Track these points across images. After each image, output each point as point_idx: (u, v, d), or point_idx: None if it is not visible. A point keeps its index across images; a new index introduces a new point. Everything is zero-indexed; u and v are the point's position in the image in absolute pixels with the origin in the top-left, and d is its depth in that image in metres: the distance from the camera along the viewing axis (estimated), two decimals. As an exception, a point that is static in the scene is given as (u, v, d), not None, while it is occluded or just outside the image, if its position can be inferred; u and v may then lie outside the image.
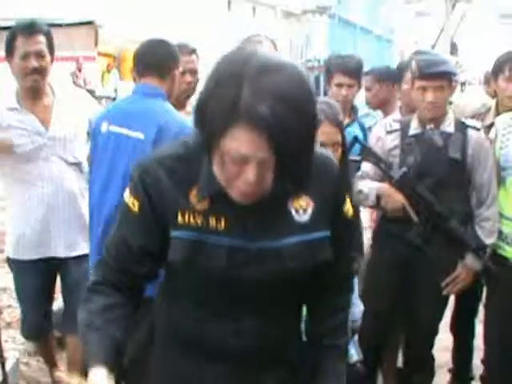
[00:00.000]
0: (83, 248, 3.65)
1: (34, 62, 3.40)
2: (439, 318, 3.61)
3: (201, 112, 1.55)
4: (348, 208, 1.87)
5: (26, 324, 3.88)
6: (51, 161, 3.53)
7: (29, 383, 4.12)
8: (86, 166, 3.65)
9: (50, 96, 3.59)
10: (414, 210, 3.26)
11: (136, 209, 1.75)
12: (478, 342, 4.16)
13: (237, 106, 1.45)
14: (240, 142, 1.47)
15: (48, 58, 3.48)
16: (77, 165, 3.64)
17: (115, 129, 3.27)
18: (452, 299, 4.11)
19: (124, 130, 3.25)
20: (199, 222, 1.71)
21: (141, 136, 3.17)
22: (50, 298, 3.90)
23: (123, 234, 1.80)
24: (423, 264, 3.39)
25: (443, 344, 4.33)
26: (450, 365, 4.37)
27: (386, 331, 3.72)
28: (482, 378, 4.16)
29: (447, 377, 4.37)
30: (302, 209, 1.76)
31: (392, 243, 3.45)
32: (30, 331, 3.92)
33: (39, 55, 3.43)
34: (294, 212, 1.76)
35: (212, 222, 1.71)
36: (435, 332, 3.62)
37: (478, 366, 4.28)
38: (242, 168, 1.52)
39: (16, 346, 4.49)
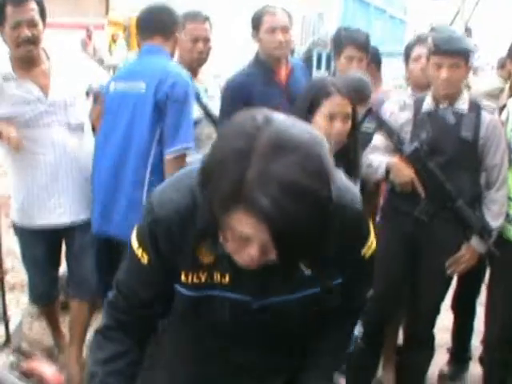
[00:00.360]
0: (88, 214, 3.67)
1: (26, 32, 3.31)
2: (442, 298, 3.61)
3: (204, 179, 1.42)
4: (366, 251, 1.80)
5: (33, 290, 3.90)
6: (53, 127, 3.52)
7: (31, 345, 4.14)
8: (89, 126, 3.68)
9: (45, 62, 3.54)
10: (423, 187, 3.26)
11: (146, 261, 1.72)
12: (478, 324, 4.18)
13: (239, 191, 1.31)
14: (241, 224, 1.36)
15: (40, 25, 3.39)
16: (80, 128, 3.63)
17: (120, 86, 3.34)
18: (454, 279, 4.13)
19: (128, 85, 3.31)
20: (203, 278, 1.69)
21: (142, 86, 3.23)
22: (55, 265, 3.92)
23: (134, 285, 1.78)
24: (428, 243, 3.40)
25: (444, 324, 4.34)
26: (450, 345, 4.38)
27: (389, 309, 3.72)
28: (480, 359, 4.17)
29: (446, 356, 4.39)
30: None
31: (398, 220, 3.44)
32: (36, 297, 3.94)
33: (31, 24, 3.33)
34: (302, 266, 1.68)
35: (216, 276, 1.69)
36: (437, 311, 3.63)
37: (476, 347, 4.29)
38: (245, 244, 1.42)
39: (19, 309, 4.51)
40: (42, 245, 3.71)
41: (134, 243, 1.74)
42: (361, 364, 3.50)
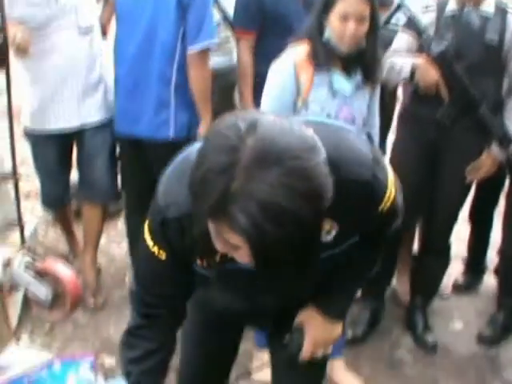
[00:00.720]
0: (99, 117, 3.66)
1: None
2: (460, 205, 3.59)
3: (191, 191, 1.33)
4: (384, 205, 1.70)
5: (45, 195, 3.92)
6: (63, 30, 3.47)
7: (47, 251, 4.17)
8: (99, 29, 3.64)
9: None
10: (447, 90, 3.18)
11: (164, 257, 1.68)
12: (495, 236, 4.17)
13: (224, 204, 1.23)
14: (227, 234, 1.29)
15: None
16: (90, 30, 3.58)
17: None
18: (473, 189, 4.10)
19: None
20: (218, 258, 1.65)
21: None
22: (67, 170, 3.92)
23: (155, 278, 1.75)
24: (448, 149, 3.35)
25: (460, 235, 4.33)
26: (465, 255, 4.38)
27: (407, 216, 3.69)
28: (495, 270, 4.17)
29: (461, 267, 4.39)
30: (326, 231, 1.65)
31: (419, 125, 3.39)
32: (49, 202, 3.96)
33: None
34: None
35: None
36: (455, 219, 3.61)
37: (492, 258, 4.28)
38: (235, 249, 1.35)
39: (34, 216, 4.53)
40: (53, 149, 3.72)
41: (149, 241, 1.69)
42: (376, 272, 3.49)
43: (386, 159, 3.39)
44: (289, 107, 2.84)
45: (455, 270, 4.34)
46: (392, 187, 1.69)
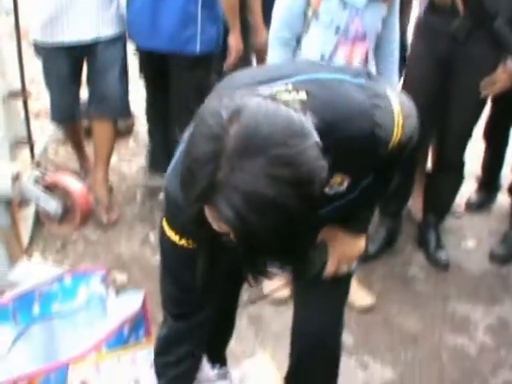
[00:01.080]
0: (113, 30, 3.62)
1: None
2: (474, 121, 3.53)
3: (180, 182, 1.31)
4: (393, 143, 1.64)
5: (56, 109, 3.88)
6: None
7: (57, 169, 4.16)
8: None
9: None
10: (462, 2, 3.09)
11: (186, 244, 1.60)
12: (510, 155, 4.13)
13: (210, 194, 1.19)
14: (214, 218, 1.25)
15: None
16: None
17: None
18: (488, 107, 4.04)
19: None
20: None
21: None
22: (78, 84, 3.88)
23: (184, 269, 1.67)
24: (463, 62, 3.27)
25: (474, 153, 4.29)
26: (479, 174, 4.34)
27: (421, 132, 3.65)
28: (509, 189, 4.15)
29: (474, 186, 4.36)
30: (338, 183, 1.62)
31: (434, 39, 3.30)
32: (59, 116, 3.92)
33: None
34: (328, 189, 1.60)
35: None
36: (469, 135, 3.55)
37: (506, 177, 4.26)
38: (226, 229, 1.29)
39: (44, 135, 4.51)
40: (64, 62, 3.67)
41: (169, 232, 1.62)
42: (393, 193, 3.49)
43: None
44: (299, 17, 2.78)
45: (468, 189, 4.31)
46: (399, 120, 1.62)
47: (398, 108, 1.61)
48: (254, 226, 1.17)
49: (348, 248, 1.93)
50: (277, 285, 3.24)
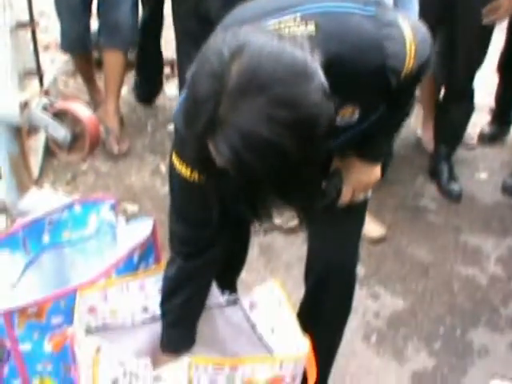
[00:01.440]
0: None
1: None
2: (481, 48, 3.46)
3: (183, 121, 1.32)
4: (406, 71, 1.58)
5: (66, 38, 3.84)
6: None
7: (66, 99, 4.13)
8: None
9: None
10: None
11: (196, 178, 1.57)
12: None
13: (208, 133, 1.20)
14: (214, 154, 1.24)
15: None
16: None
17: None
18: (502, 40, 3.98)
19: None
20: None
21: None
22: (88, 12, 3.83)
23: (194, 205, 1.67)
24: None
25: (487, 86, 4.24)
26: (492, 106, 4.28)
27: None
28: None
29: (487, 118, 4.31)
30: (349, 114, 1.59)
31: None
32: (69, 44, 3.88)
33: None
34: (339, 120, 1.56)
35: None
36: (476, 62, 3.49)
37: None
38: None
39: (55, 67, 4.46)
40: None
41: (182, 168, 1.60)
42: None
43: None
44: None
45: (481, 121, 4.27)
46: (411, 50, 1.57)
47: (410, 37, 1.57)
48: (249, 164, 1.18)
49: (364, 176, 1.89)
50: (289, 215, 3.25)
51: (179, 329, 1.86)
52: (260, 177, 1.20)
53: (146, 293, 1.97)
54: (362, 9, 1.51)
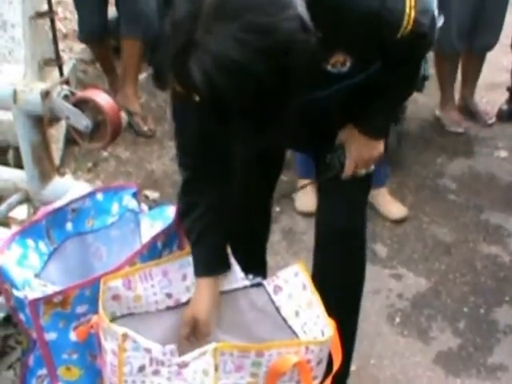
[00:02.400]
0: None
1: None
2: None
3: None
4: (403, 31, 1.58)
5: (84, 25, 3.86)
6: None
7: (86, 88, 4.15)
8: None
9: None
10: None
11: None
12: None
13: (184, 54, 1.21)
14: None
15: None
16: None
17: None
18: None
19: None
20: None
21: None
22: (105, 2, 3.84)
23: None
24: None
25: (503, 64, 4.21)
26: (509, 84, 4.24)
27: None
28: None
29: (505, 95, 4.27)
30: (340, 63, 1.61)
31: None
32: (88, 33, 3.90)
33: None
34: (330, 67, 1.60)
35: None
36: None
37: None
38: None
39: (73, 56, 4.48)
40: None
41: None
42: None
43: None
44: None
45: (500, 99, 4.24)
46: (412, 10, 1.57)
47: (411, 2, 1.57)
48: (220, 88, 1.19)
49: (365, 151, 1.92)
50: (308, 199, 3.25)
51: (203, 247, 1.86)
52: (231, 102, 1.22)
53: (169, 278, 1.97)
54: None
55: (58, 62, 3.51)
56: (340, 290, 2.16)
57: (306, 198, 3.30)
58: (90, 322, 1.85)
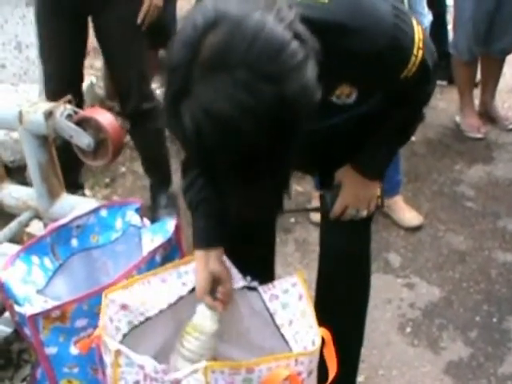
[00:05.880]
0: None
1: None
2: None
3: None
4: (407, 72, 1.57)
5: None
6: None
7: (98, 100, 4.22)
8: None
9: None
10: None
11: None
12: None
13: (178, 100, 1.18)
14: None
15: None
16: None
17: None
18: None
19: None
20: None
21: None
22: None
23: None
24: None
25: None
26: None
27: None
28: None
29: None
30: (345, 94, 1.60)
31: None
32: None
33: None
34: (335, 99, 1.58)
35: None
36: None
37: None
38: None
39: (93, 72, 4.55)
40: None
41: None
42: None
43: None
44: None
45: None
46: (419, 50, 1.56)
47: (420, 35, 1.56)
48: (208, 140, 1.17)
49: (359, 191, 1.89)
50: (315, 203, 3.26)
51: (202, 220, 1.83)
52: (219, 156, 1.20)
53: (168, 285, 1.98)
54: None
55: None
56: (343, 305, 2.18)
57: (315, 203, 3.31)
58: (91, 336, 1.87)
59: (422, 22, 1.72)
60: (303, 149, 1.35)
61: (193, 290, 1.93)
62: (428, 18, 3.11)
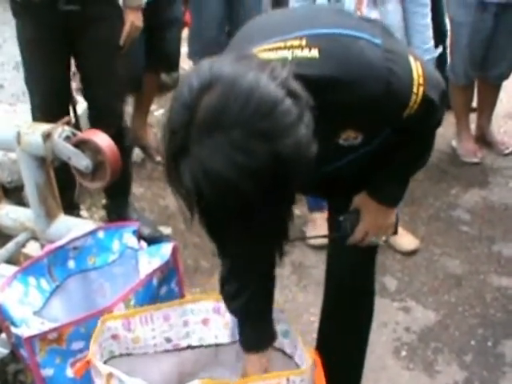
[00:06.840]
0: None
1: None
2: None
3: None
4: (409, 111, 1.58)
5: None
6: None
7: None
8: None
9: None
10: None
11: None
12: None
13: (177, 159, 1.22)
14: None
15: None
16: None
17: None
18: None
19: None
20: None
21: None
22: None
23: None
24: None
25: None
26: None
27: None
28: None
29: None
30: (352, 138, 1.62)
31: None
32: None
33: None
34: (342, 141, 1.61)
35: None
36: None
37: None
38: None
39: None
40: None
41: None
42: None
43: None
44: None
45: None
46: (420, 86, 1.56)
47: (420, 72, 1.56)
48: (207, 198, 1.20)
49: (379, 218, 1.90)
50: (317, 232, 3.26)
51: (250, 327, 1.85)
52: (214, 209, 1.23)
53: (170, 324, 2.00)
54: (371, 36, 1.50)
55: (72, 102, 3.57)
56: (345, 337, 2.20)
57: (317, 232, 3.31)
58: (85, 359, 1.88)
59: (422, 56, 1.74)
60: (310, 184, 1.38)
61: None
62: (436, 51, 3.10)
